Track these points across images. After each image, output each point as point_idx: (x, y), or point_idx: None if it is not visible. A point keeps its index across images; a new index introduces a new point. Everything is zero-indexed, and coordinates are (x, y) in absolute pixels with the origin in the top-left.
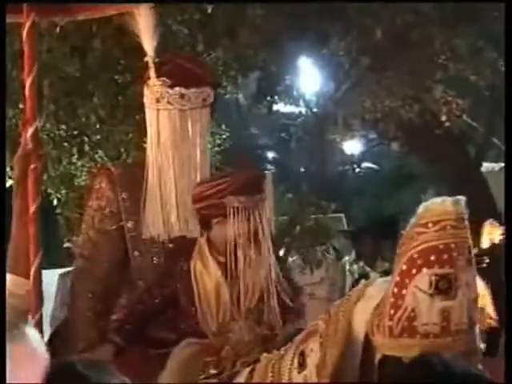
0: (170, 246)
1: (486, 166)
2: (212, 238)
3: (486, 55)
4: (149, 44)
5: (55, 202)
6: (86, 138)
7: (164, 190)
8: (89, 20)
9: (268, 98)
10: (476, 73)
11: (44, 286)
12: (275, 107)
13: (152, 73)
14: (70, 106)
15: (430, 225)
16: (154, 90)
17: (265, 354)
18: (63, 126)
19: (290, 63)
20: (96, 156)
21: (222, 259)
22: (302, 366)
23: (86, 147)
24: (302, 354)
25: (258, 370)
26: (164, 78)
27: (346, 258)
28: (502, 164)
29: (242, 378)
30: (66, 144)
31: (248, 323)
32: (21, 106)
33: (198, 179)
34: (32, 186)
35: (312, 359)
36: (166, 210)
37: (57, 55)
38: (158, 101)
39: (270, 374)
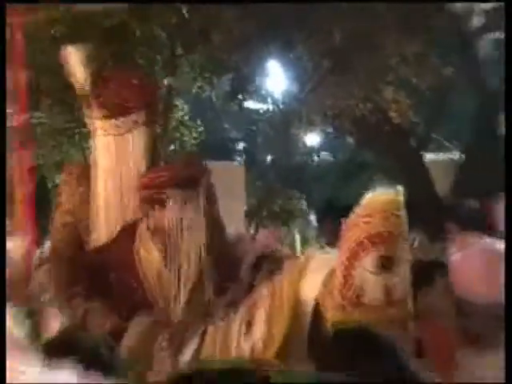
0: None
1: (429, 157)
2: (152, 225)
3: (430, 61)
4: (81, 80)
5: (49, 186)
6: (77, 130)
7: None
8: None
9: (239, 97)
10: (419, 76)
11: None
12: (246, 104)
13: (86, 108)
14: (64, 100)
15: (375, 214)
16: (91, 121)
17: (211, 326)
18: (58, 119)
19: (260, 66)
20: (84, 146)
21: (161, 246)
22: (248, 333)
23: (77, 138)
24: (249, 323)
25: (207, 340)
26: (98, 113)
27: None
28: (444, 155)
29: (192, 348)
30: (59, 136)
31: (190, 300)
32: None
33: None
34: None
35: (258, 328)
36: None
37: (52, 53)
38: (95, 130)
39: (219, 343)
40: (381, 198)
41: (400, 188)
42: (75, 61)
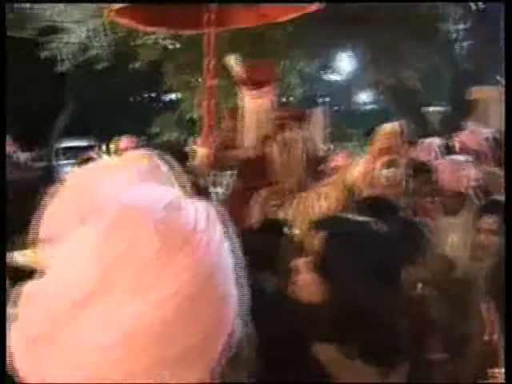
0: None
1: (426, 109)
2: (279, 139)
3: (427, 56)
4: (235, 68)
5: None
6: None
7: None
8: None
9: (322, 72)
10: (421, 63)
11: None
12: (325, 77)
13: (239, 82)
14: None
15: (385, 136)
16: (241, 89)
17: (298, 196)
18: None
19: (334, 58)
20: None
21: (281, 150)
22: (319, 199)
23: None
24: (319, 195)
25: (298, 201)
26: (247, 87)
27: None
28: (431, 108)
29: (286, 208)
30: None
31: (293, 182)
32: None
33: (264, 124)
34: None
35: (323, 197)
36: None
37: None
38: (245, 94)
39: (303, 202)
40: (389, 127)
41: (398, 123)
42: (232, 60)
